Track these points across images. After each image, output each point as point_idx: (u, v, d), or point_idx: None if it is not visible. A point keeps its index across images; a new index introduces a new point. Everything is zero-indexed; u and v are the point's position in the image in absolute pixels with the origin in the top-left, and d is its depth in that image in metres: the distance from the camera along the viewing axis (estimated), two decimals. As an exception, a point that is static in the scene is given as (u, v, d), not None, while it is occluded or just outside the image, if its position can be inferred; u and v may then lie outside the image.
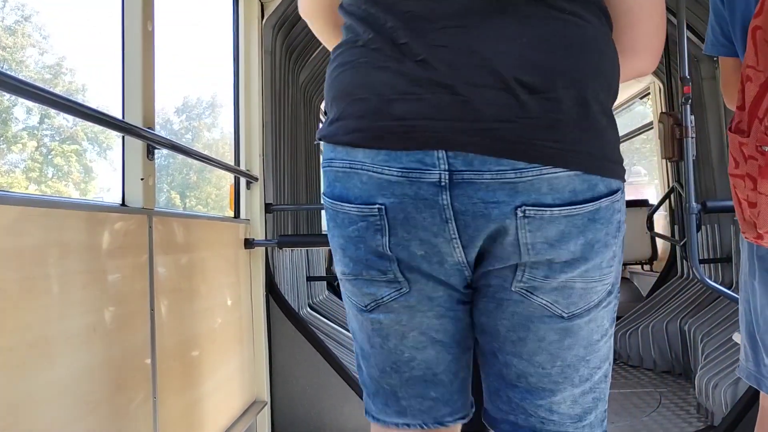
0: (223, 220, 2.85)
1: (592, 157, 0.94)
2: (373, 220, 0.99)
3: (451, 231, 0.97)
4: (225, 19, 3.12)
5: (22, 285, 1.28)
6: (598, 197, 0.95)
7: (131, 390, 1.72)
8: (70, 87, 27.92)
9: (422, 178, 0.94)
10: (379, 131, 0.96)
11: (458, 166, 0.93)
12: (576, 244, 0.96)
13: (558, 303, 1.00)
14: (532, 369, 1.04)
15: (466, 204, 0.94)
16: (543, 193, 0.93)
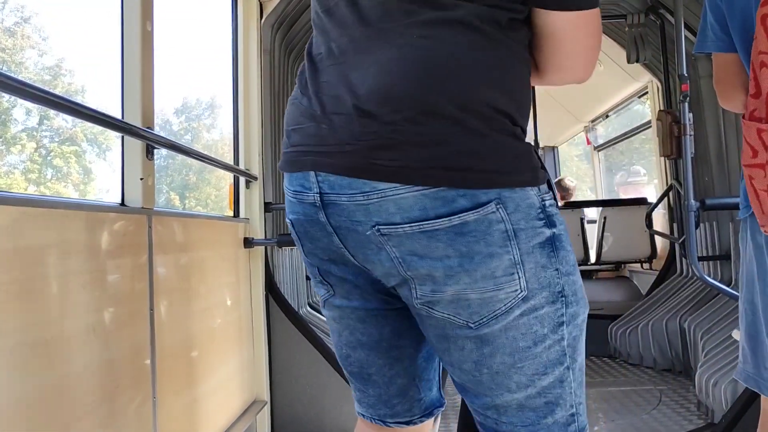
0: (223, 220, 2.85)
1: (441, 169, 0.95)
2: (294, 232, 1.16)
3: (337, 242, 1.08)
4: (224, 19, 3.12)
5: (21, 285, 1.28)
6: (458, 212, 0.96)
7: (131, 390, 1.72)
8: (69, 88, 27.90)
9: (305, 200, 1.08)
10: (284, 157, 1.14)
11: (325, 189, 1.04)
12: (447, 257, 0.98)
13: (459, 315, 1.03)
14: (465, 376, 1.08)
15: (339, 221, 1.05)
16: (391, 213, 0.98)
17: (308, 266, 1.20)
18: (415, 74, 0.97)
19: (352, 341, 1.20)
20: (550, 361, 1.05)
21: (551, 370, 1.05)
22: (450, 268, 0.99)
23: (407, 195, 0.97)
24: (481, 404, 1.09)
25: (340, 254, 1.10)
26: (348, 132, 1.00)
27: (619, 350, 4.61)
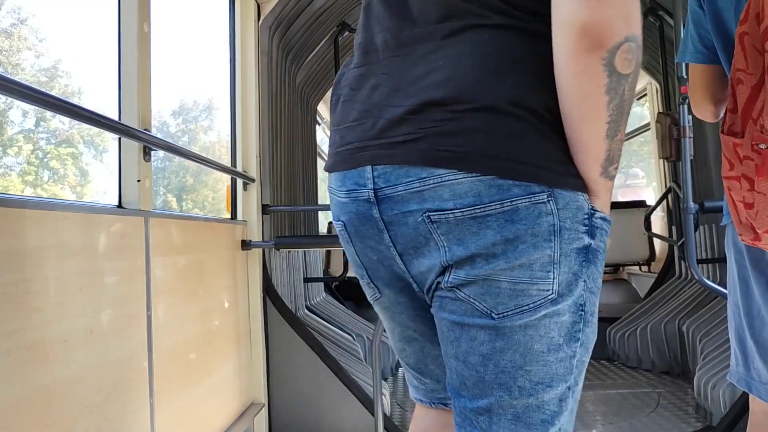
0: (220, 222, 2.84)
1: (499, 159, 0.98)
2: (344, 234, 1.16)
3: (387, 240, 1.08)
4: (221, 20, 3.12)
5: (18, 287, 1.27)
6: (510, 198, 0.98)
7: (128, 392, 1.71)
8: (66, 90, 27.88)
9: (359, 197, 1.08)
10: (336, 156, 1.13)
11: (380, 184, 1.04)
12: (491, 241, 0.99)
13: (485, 301, 1.01)
14: (467, 372, 1.06)
15: (391, 215, 1.05)
16: (445, 198, 0.99)
17: (356, 268, 1.21)
18: (479, 70, 1.00)
19: (406, 336, 1.24)
20: (557, 374, 1.03)
21: (555, 385, 1.03)
22: (493, 255, 0.99)
23: (464, 181, 0.98)
24: (475, 407, 1.05)
25: (387, 255, 1.11)
26: (413, 121, 1.01)
27: (617, 353, 4.60)
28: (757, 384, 1.55)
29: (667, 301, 4.50)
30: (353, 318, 4.63)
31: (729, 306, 1.63)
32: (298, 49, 4.03)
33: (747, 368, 1.59)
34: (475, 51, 1.01)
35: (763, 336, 1.53)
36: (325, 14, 4.01)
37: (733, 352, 1.63)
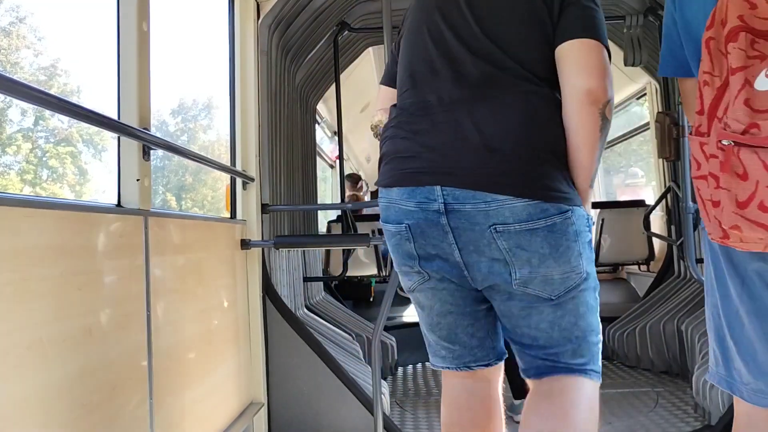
0: (220, 221, 2.84)
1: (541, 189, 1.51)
2: (405, 233, 1.61)
3: (450, 239, 1.56)
4: (221, 19, 3.11)
5: (17, 286, 1.27)
6: (550, 216, 1.51)
7: (127, 392, 1.71)
8: (65, 89, 27.85)
9: (429, 208, 1.55)
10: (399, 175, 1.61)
11: (449, 200, 1.53)
12: (542, 246, 1.52)
13: (545, 291, 1.58)
14: (539, 334, 1.63)
15: (457, 223, 1.54)
16: (506, 216, 1.50)
17: (408, 259, 1.65)
18: (525, 126, 1.53)
19: (443, 311, 1.69)
20: (593, 323, 1.67)
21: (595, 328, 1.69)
22: (543, 255, 1.53)
23: (518, 204, 1.49)
24: (546, 353, 1.64)
25: (447, 251, 1.58)
26: (478, 159, 1.51)
27: (616, 352, 4.60)
28: (738, 384, 1.55)
29: (666, 300, 4.50)
30: (353, 317, 4.63)
31: (707, 307, 1.63)
32: (297, 48, 4.02)
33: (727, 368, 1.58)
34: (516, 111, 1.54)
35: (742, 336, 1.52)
36: (324, 13, 4.00)
37: (711, 352, 1.63)
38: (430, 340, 1.82)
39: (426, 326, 1.78)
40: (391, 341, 4.56)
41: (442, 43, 1.63)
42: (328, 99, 5.73)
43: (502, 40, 1.60)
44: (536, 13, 1.61)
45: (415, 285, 1.69)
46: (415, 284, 1.69)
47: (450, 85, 1.59)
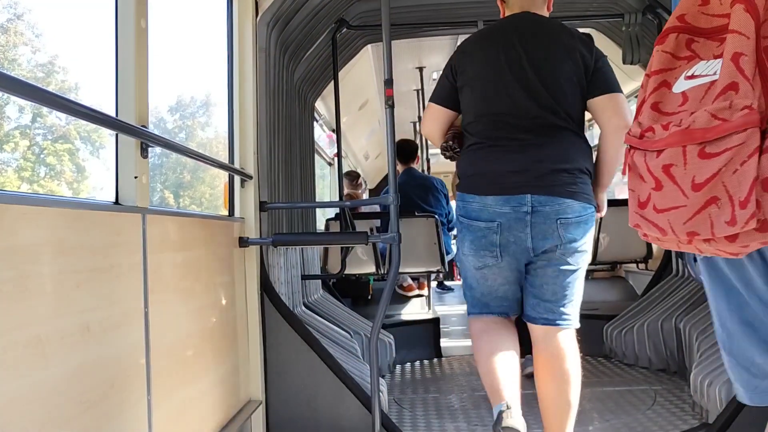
0: (218, 219, 2.83)
1: (583, 196, 2.41)
2: (495, 228, 2.42)
3: (528, 231, 2.39)
4: (219, 16, 3.10)
5: (15, 284, 1.26)
6: (587, 212, 2.43)
7: (125, 389, 1.71)
8: (63, 86, 27.80)
9: (520, 209, 2.38)
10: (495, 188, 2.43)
11: (535, 205, 2.37)
12: (580, 233, 2.42)
13: (575, 262, 2.46)
14: (559, 292, 2.48)
15: (537, 219, 2.38)
16: (567, 213, 2.38)
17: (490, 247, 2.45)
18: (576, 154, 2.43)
19: (503, 282, 2.52)
20: (580, 291, 2.53)
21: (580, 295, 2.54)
22: (582, 237, 2.43)
23: (574, 204, 2.39)
24: (557, 305, 2.48)
25: (523, 239, 2.41)
26: (551, 178, 2.38)
27: (614, 350, 4.61)
28: None
29: (664, 298, 4.50)
30: (351, 315, 4.63)
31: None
32: (296, 45, 4.02)
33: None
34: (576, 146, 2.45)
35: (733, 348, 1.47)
36: (323, 11, 4.00)
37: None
38: (481, 299, 2.58)
39: (484, 290, 2.56)
40: (390, 339, 4.57)
41: (525, 95, 2.44)
42: (327, 96, 5.73)
43: (556, 96, 2.43)
44: (577, 75, 2.44)
45: (488, 264, 2.49)
46: (487, 263, 2.49)
47: (531, 127, 2.44)
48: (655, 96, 1.39)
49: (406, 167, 6.01)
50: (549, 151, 2.39)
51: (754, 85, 1.21)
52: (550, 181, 2.37)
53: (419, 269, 5.42)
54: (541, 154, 2.38)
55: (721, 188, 1.21)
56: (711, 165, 1.21)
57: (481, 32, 2.83)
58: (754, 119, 1.18)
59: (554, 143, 2.40)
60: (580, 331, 2.67)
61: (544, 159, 2.37)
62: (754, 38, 1.23)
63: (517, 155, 2.40)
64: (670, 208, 1.29)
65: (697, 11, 1.37)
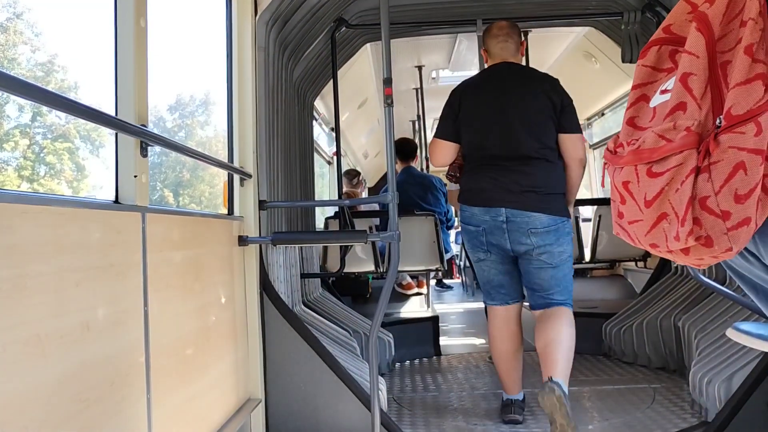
0: (217, 217, 2.83)
1: (552, 210, 3.12)
2: (481, 230, 3.18)
3: (506, 236, 3.13)
4: (218, 15, 3.10)
5: (15, 282, 1.27)
6: (557, 223, 3.13)
7: (125, 387, 1.71)
8: (62, 85, 27.76)
9: (497, 219, 3.12)
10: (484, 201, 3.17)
11: (510, 216, 3.10)
12: (551, 238, 3.12)
13: (551, 260, 3.15)
14: (544, 283, 3.17)
15: (512, 228, 3.11)
16: (536, 224, 3.09)
17: (480, 246, 3.22)
18: (544, 180, 3.12)
19: (497, 273, 3.25)
20: (568, 278, 3.22)
21: (568, 281, 3.22)
22: (552, 243, 3.11)
23: (543, 217, 3.09)
24: (545, 293, 3.17)
25: (502, 241, 3.13)
26: (522, 196, 3.08)
27: (613, 348, 4.61)
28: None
29: (663, 296, 4.51)
30: (350, 314, 4.64)
31: None
32: (295, 44, 4.02)
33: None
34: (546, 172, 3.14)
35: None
36: (322, 10, 4.00)
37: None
38: (486, 289, 3.37)
39: (485, 280, 3.35)
40: (389, 337, 4.57)
41: (504, 132, 3.17)
42: (326, 95, 5.73)
43: (532, 131, 3.15)
44: (548, 111, 3.16)
45: (481, 258, 3.28)
46: (480, 257, 3.29)
47: (509, 156, 3.16)
48: (633, 110, 1.43)
49: (405, 166, 6.02)
50: (521, 176, 3.11)
51: (702, 104, 1.26)
52: (521, 198, 3.09)
53: (418, 267, 5.42)
54: (515, 178, 3.11)
55: (668, 205, 1.28)
56: (657, 184, 1.28)
57: (472, 81, 3.43)
58: (691, 141, 1.24)
59: (526, 170, 3.12)
60: (579, 330, 3.20)
61: (517, 182, 3.11)
62: (705, 57, 1.27)
63: (498, 178, 3.13)
64: (634, 221, 1.37)
65: (684, 20, 1.37)
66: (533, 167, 3.11)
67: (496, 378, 4.30)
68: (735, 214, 1.23)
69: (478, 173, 3.18)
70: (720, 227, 1.24)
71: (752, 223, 1.23)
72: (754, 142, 1.21)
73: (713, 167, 1.24)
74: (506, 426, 3.27)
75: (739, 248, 1.25)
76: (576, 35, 5.76)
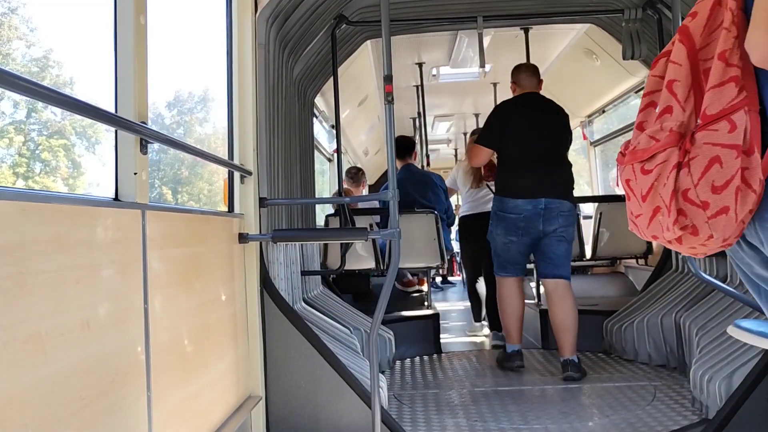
0: (217, 215, 2.83)
1: (571, 199, 4.28)
2: (521, 217, 4.19)
3: (542, 219, 4.17)
4: (218, 12, 3.09)
5: (15, 280, 1.26)
6: (573, 208, 4.31)
7: (125, 385, 1.70)
8: (58, 80, 27.72)
9: (537, 207, 4.16)
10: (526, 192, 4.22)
11: (546, 204, 4.15)
12: (570, 220, 4.27)
13: (567, 235, 4.26)
14: (559, 254, 4.23)
15: (547, 214, 4.17)
16: (562, 209, 4.20)
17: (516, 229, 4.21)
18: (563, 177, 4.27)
19: (518, 252, 4.28)
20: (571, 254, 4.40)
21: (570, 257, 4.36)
22: (569, 224, 4.25)
23: (566, 203, 4.20)
24: (555, 264, 4.21)
25: (537, 223, 4.16)
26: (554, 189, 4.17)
27: (614, 346, 4.61)
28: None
29: (664, 294, 4.50)
30: (350, 311, 4.63)
31: None
32: (295, 41, 4.01)
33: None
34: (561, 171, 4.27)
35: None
36: (322, 6, 3.99)
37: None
38: (505, 264, 4.32)
39: (506, 257, 4.30)
40: (389, 335, 4.57)
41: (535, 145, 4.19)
42: (326, 92, 5.72)
43: (555, 145, 4.26)
44: (564, 132, 4.32)
45: (513, 240, 4.21)
46: (512, 240, 4.21)
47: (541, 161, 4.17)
48: (642, 116, 1.56)
49: (405, 163, 6.01)
50: (555, 174, 4.22)
51: (686, 107, 1.43)
52: (554, 190, 4.17)
53: (419, 265, 5.42)
54: (550, 175, 4.20)
55: (660, 199, 1.44)
56: (647, 180, 1.45)
57: (512, 102, 4.42)
58: (673, 139, 1.41)
59: (554, 170, 4.22)
60: (580, 327, 4.14)
61: (552, 178, 4.20)
62: (687, 64, 1.44)
63: (535, 176, 4.17)
64: (637, 215, 1.52)
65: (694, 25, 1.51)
66: (558, 169, 4.25)
67: (496, 375, 4.30)
68: (713, 203, 1.37)
69: (521, 172, 4.20)
70: (701, 216, 1.39)
71: (731, 212, 1.37)
72: (727, 137, 1.36)
73: (692, 162, 1.39)
74: (505, 422, 3.27)
75: (721, 236, 1.40)
76: (577, 32, 5.75)
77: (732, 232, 1.40)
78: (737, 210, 1.37)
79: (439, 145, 12.33)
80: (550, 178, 4.16)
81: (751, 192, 1.37)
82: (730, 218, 1.37)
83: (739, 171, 1.36)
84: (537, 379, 4.14)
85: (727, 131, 1.36)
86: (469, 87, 7.88)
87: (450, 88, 7.85)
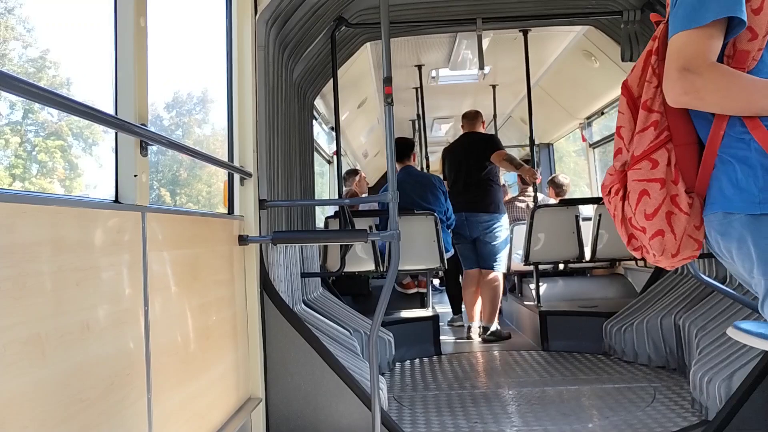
0: (217, 217, 2.83)
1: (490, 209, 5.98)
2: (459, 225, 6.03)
3: (468, 228, 5.98)
4: (218, 14, 3.09)
5: (15, 282, 1.26)
6: (492, 218, 5.97)
7: (125, 387, 1.70)
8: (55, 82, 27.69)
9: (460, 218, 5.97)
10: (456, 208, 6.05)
11: (467, 216, 5.97)
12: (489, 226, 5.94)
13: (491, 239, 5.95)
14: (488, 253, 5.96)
15: (471, 223, 5.98)
16: (481, 219, 5.95)
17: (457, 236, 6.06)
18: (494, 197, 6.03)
19: (466, 249, 6.07)
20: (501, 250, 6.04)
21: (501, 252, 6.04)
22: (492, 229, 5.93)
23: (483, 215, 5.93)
24: (489, 260, 5.93)
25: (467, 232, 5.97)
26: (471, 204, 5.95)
27: (613, 347, 4.61)
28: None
29: (664, 295, 4.51)
30: (350, 313, 4.64)
31: None
32: (295, 43, 4.01)
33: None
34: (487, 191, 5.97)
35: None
36: (321, 9, 3.99)
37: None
38: (463, 261, 6.09)
39: (462, 256, 6.07)
40: (389, 337, 4.57)
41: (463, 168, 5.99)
42: (326, 94, 5.72)
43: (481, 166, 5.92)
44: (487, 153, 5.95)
45: (459, 242, 5.99)
46: (459, 241, 5.99)
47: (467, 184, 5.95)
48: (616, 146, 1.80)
49: (404, 165, 6.01)
50: (477, 194, 5.86)
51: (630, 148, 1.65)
52: (473, 205, 5.84)
53: (418, 267, 5.42)
54: (473, 195, 5.86)
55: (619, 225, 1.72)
56: (610, 209, 1.71)
57: (451, 144, 6.39)
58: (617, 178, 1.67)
59: (477, 191, 5.87)
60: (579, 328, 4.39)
61: (474, 197, 5.86)
62: (629, 111, 1.67)
63: (465, 195, 5.87)
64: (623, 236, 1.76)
65: None
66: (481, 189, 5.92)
67: (496, 377, 4.30)
68: (649, 228, 1.60)
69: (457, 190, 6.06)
70: (644, 239, 1.63)
71: (668, 234, 1.58)
72: (650, 173, 1.59)
73: (628, 195, 1.63)
74: (505, 424, 3.27)
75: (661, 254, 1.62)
76: (575, 34, 5.76)
77: (677, 249, 1.61)
78: (674, 231, 1.58)
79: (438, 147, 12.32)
80: (473, 196, 5.90)
81: (682, 214, 1.58)
82: (667, 239, 1.59)
83: (667, 199, 1.58)
84: (537, 381, 4.14)
85: (649, 168, 1.59)
86: (468, 89, 7.89)
87: (449, 89, 7.86)
